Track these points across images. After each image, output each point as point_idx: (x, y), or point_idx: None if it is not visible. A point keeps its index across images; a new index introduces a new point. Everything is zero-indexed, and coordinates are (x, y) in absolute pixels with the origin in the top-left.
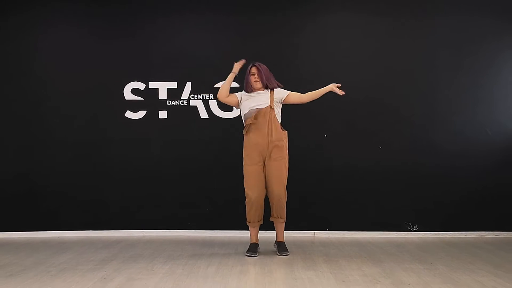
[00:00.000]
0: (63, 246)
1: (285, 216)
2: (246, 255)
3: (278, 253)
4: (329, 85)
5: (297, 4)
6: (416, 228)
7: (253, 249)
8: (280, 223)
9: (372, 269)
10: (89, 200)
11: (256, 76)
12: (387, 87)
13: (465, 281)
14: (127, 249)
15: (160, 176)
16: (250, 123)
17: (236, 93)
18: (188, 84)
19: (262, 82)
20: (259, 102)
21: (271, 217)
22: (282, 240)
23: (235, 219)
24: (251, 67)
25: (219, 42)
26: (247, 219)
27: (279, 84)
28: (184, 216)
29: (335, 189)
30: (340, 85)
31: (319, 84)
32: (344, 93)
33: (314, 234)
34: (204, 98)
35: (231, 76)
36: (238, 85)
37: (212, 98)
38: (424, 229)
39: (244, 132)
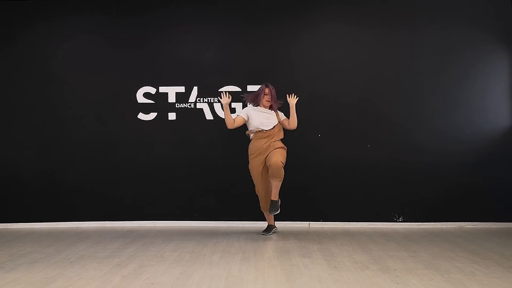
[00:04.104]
0: (81, 235)
1: (281, 177)
2: (262, 234)
3: (268, 211)
4: (290, 103)
5: (294, 15)
6: (401, 219)
7: (268, 229)
8: (276, 181)
9: (362, 256)
10: (105, 194)
11: (269, 97)
12: (375, 91)
13: (445, 267)
14: (140, 238)
15: (169, 172)
16: (259, 133)
17: (241, 113)
18: (195, 88)
19: (271, 102)
20: (269, 120)
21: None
22: (275, 199)
23: (237, 211)
24: (265, 87)
25: (223, 49)
26: (261, 207)
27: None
28: (191, 208)
29: (329, 183)
30: (291, 95)
31: (313, 87)
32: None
33: (309, 225)
34: (209, 101)
35: (225, 107)
36: (240, 89)
37: (217, 101)
38: (409, 220)
39: (251, 137)
